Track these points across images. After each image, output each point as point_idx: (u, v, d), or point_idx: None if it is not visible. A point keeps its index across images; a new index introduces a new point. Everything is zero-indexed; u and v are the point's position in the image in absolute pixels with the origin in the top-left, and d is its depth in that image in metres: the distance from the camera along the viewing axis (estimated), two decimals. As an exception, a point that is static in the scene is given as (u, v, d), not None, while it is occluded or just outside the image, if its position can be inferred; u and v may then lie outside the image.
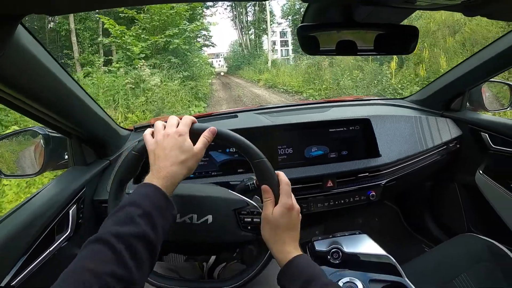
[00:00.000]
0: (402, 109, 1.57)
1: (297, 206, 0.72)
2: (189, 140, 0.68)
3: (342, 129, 1.31)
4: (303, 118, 1.35)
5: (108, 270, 0.47)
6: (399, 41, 0.86)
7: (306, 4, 0.73)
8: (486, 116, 1.49)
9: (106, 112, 1.09)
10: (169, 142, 0.66)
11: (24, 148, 1.19)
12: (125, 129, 1.29)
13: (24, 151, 1.19)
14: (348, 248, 0.98)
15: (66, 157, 1.12)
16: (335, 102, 1.62)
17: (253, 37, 30.16)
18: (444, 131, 1.46)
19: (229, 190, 0.83)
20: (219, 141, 0.75)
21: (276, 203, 0.71)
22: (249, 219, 0.76)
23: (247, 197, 0.81)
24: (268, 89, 13.97)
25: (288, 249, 0.68)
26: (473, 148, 1.47)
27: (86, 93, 0.93)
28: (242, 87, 16.08)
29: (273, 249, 0.70)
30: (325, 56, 9.53)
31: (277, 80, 14.30)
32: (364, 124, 1.34)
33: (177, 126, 0.70)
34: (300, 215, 0.74)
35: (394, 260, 0.96)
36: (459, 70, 1.39)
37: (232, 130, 0.76)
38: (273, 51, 26.22)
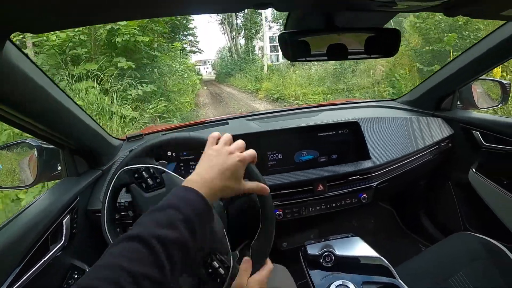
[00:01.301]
0: (392, 111, 1.58)
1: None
2: (243, 171, 0.68)
3: (331, 133, 1.32)
4: (293, 123, 1.36)
5: (144, 271, 0.45)
6: (385, 44, 0.87)
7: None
8: (477, 114, 1.49)
9: (98, 123, 1.10)
10: (229, 161, 0.65)
11: (19, 160, 1.20)
12: (117, 138, 1.30)
13: (17, 163, 1.20)
14: (340, 251, 0.99)
15: (59, 168, 1.12)
16: (326, 106, 1.63)
17: (244, 41, 27.66)
18: (435, 130, 1.47)
19: (224, 232, 0.79)
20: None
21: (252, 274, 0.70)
22: (216, 265, 0.71)
23: (236, 204, 0.81)
24: (273, 103, 10.97)
25: None
26: (465, 146, 1.48)
27: (77, 104, 0.94)
28: (236, 100, 13.05)
29: None
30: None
31: (285, 90, 11.25)
32: (353, 127, 1.34)
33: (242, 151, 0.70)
34: None
35: (386, 261, 0.97)
36: (448, 70, 1.40)
37: None
38: (262, 56, 24.51)
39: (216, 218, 0.79)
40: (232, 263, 0.73)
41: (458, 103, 1.55)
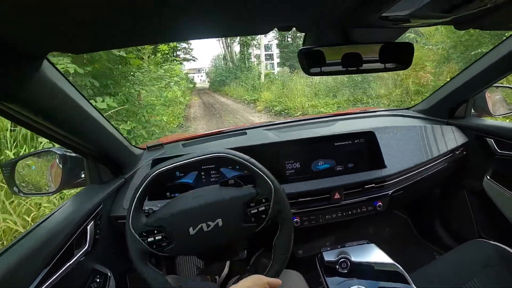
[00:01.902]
0: (407, 119, 1.59)
1: None
2: None
3: (347, 142, 1.34)
4: (310, 133, 1.39)
5: None
6: (400, 57, 0.89)
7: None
8: (491, 121, 1.49)
9: (120, 133, 1.14)
10: None
11: (43, 168, 1.24)
12: (138, 148, 1.34)
13: (42, 171, 1.24)
14: (356, 258, 1.00)
15: (83, 175, 1.16)
16: (341, 116, 1.65)
17: (239, 48, 26.15)
18: (449, 139, 1.48)
19: (238, 188, 0.88)
20: None
21: None
22: (255, 210, 0.81)
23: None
24: (276, 117, 9.17)
25: None
26: (479, 154, 1.48)
27: (103, 116, 0.99)
28: (232, 112, 11.51)
29: None
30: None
31: (288, 102, 9.95)
32: (369, 137, 1.36)
33: None
34: None
35: (401, 268, 0.98)
36: (462, 77, 1.41)
37: (242, 147, 0.80)
38: (259, 64, 22.90)
39: (216, 192, 0.88)
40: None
41: (472, 110, 1.56)
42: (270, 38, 26.69)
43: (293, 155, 1.30)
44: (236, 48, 26.88)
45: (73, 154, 1.13)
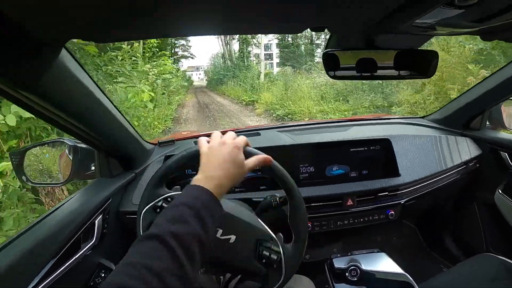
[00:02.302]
0: (421, 128, 1.58)
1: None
2: (242, 155, 0.71)
3: (363, 148, 1.33)
4: (325, 138, 1.38)
5: (165, 266, 0.48)
6: (420, 65, 0.88)
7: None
8: (506, 135, 1.48)
9: (134, 127, 1.13)
10: (225, 151, 0.69)
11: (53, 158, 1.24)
12: (150, 143, 1.33)
13: (52, 161, 1.24)
14: (366, 266, 0.99)
15: (93, 168, 1.16)
16: (356, 121, 1.64)
17: (238, 46, 25.20)
18: (463, 150, 1.46)
19: (258, 219, 0.84)
20: (267, 171, 0.79)
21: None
22: (267, 253, 0.77)
23: (268, 214, 0.83)
24: (278, 122, 5.96)
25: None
26: (492, 167, 1.46)
27: (117, 109, 0.98)
28: (227, 114, 10.69)
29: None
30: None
31: (292, 106, 9.07)
32: (384, 144, 1.35)
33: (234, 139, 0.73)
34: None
35: (411, 278, 0.97)
36: (479, 89, 1.39)
37: (258, 148, 0.79)
38: (258, 63, 21.94)
39: (240, 209, 0.83)
40: (280, 246, 0.78)
41: (487, 123, 1.54)
42: (270, 37, 26.08)
43: (308, 158, 1.29)
44: (235, 46, 26.04)
45: (84, 146, 1.12)
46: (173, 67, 11.49)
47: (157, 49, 9.72)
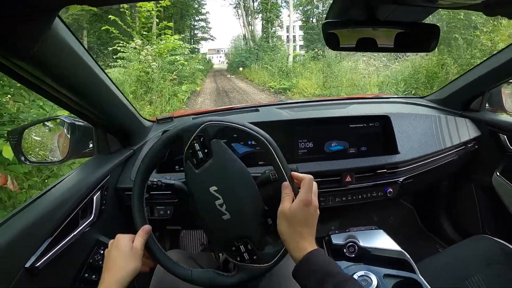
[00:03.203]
0: (421, 108, 1.57)
1: (315, 203, 0.73)
2: (125, 240, 0.76)
3: (362, 125, 1.32)
4: (324, 114, 1.37)
5: None
6: (420, 39, 0.87)
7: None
8: (506, 117, 1.47)
9: (131, 103, 1.12)
10: (108, 252, 0.75)
11: (51, 136, 1.23)
12: (148, 120, 1.32)
13: (49, 139, 1.23)
14: (364, 243, 0.99)
15: (91, 146, 1.15)
16: (355, 99, 1.63)
17: (262, 26, 23.09)
18: (462, 131, 1.46)
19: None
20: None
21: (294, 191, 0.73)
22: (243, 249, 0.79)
23: (267, 189, 0.83)
24: None
25: (304, 245, 0.68)
26: (491, 149, 1.46)
27: (114, 84, 0.97)
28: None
29: (288, 245, 0.71)
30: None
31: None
32: (384, 121, 1.34)
33: None
34: (318, 211, 0.74)
35: (408, 256, 0.97)
36: (479, 70, 1.38)
37: (254, 122, 0.78)
38: (287, 42, 19.68)
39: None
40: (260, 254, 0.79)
41: (487, 105, 1.53)
42: (295, 18, 23.62)
43: (307, 134, 1.29)
44: (258, 26, 24.29)
45: (82, 123, 1.11)
46: (180, 44, 10.12)
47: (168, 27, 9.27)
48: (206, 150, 0.80)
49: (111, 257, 0.72)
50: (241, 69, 21.31)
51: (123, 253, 0.72)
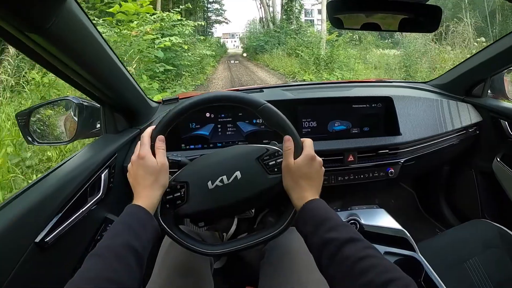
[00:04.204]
0: (423, 92, 1.58)
1: (319, 158, 0.76)
2: (151, 159, 0.73)
3: (365, 106, 1.34)
4: (328, 94, 1.40)
5: (102, 275, 0.54)
6: (424, 20, 0.88)
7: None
8: (508, 104, 1.48)
9: (138, 84, 1.14)
10: (136, 169, 0.73)
11: (59, 117, 1.25)
12: (154, 101, 1.34)
13: (57, 120, 1.25)
14: (365, 221, 1.02)
15: (98, 126, 1.17)
16: (359, 83, 1.64)
17: (282, 4, 19.87)
18: (464, 116, 1.47)
19: (248, 144, 0.87)
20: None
21: (296, 152, 0.75)
22: (273, 162, 0.79)
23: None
24: None
25: (306, 195, 0.71)
26: (492, 135, 1.48)
27: (122, 63, 0.98)
28: None
29: (292, 196, 0.73)
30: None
31: None
32: (387, 103, 1.36)
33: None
34: (323, 168, 0.77)
35: (409, 235, 0.99)
36: (482, 56, 1.39)
37: None
38: (311, 26, 16.68)
39: (232, 148, 0.86)
40: (278, 147, 0.81)
41: (489, 91, 1.54)
42: (313, 1, 22.18)
43: (310, 113, 1.31)
44: (278, 7, 21.17)
45: (89, 104, 1.13)
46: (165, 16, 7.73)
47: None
48: None
49: (140, 176, 0.72)
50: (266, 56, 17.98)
51: (152, 169, 0.72)
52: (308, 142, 0.76)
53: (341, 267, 0.57)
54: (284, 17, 20.04)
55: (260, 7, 22.97)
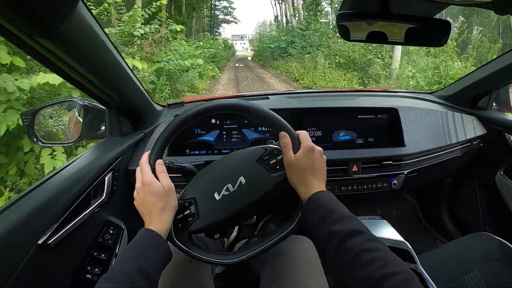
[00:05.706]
0: (428, 103, 1.58)
1: (318, 148, 0.76)
2: (157, 184, 0.74)
3: (370, 116, 1.34)
4: (334, 104, 1.40)
5: None
6: (431, 34, 0.88)
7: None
8: None
9: (144, 87, 1.14)
10: (144, 196, 0.73)
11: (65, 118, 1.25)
12: (159, 105, 1.35)
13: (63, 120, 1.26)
14: None
15: (103, 128, 1.17)
16: (364, 92, 1.64)
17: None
18: (469, 128, 1.47)
19: (245, 148, 0.86)
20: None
21: (294, 146, 0.75)
22: (274, 160, 0.79)
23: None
24: None
25: (312, 187, 0.71)
26: (496, 148, 1.47)
27: (129, 67, 0.99)
28: None
29: (299, 190, 0.74)
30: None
31: None
32: (392, 114, 1.36)
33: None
34: (324, 157, 0.77)
35: (410, 247, 0.99)
36: (488, 68, 1.39)
37: None
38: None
39: (231, 155, 0.86)
40: (276, 144, 0.81)
41: (494, 104, 1.54)
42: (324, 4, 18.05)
43: (316, 123, 1.31)
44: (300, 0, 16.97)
45: (95, 106, 1.14)
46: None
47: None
48: None
49: (149, 203, 0.72)
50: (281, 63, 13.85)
51: (160, 194, 0.72)
52: (303, 134, 0.77)
53: (343, 259, 0.57)
54: (309, 13, 16.59)
55: (275, 3, 19.82)
